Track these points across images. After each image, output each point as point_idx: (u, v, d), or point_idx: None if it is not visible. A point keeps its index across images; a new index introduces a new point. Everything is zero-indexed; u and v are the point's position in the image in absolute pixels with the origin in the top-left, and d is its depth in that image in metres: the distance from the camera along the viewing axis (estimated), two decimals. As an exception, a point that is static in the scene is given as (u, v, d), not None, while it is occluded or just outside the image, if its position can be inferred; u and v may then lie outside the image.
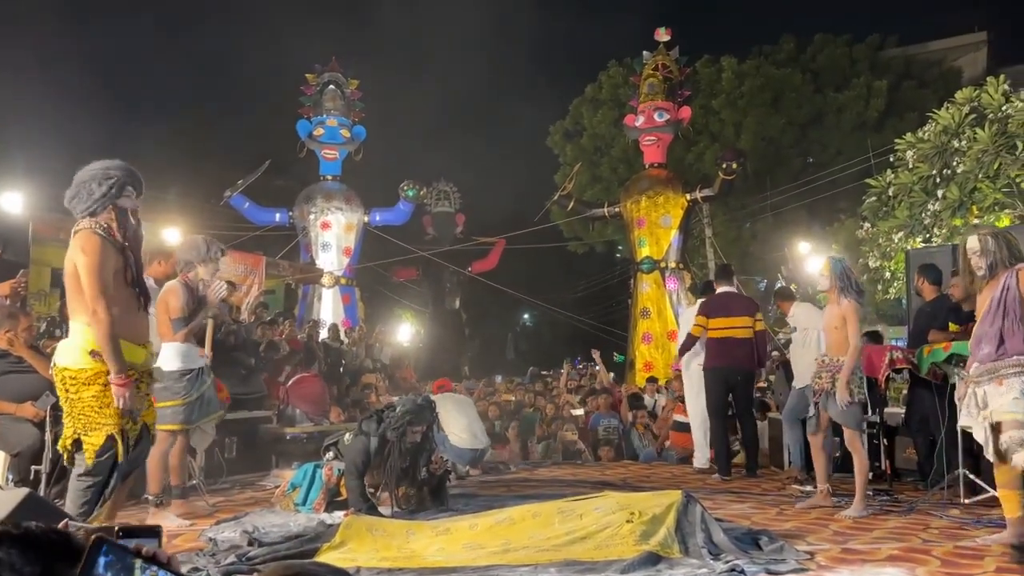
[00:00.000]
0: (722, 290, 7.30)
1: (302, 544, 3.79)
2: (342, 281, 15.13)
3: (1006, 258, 3.86)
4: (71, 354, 3.42)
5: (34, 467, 4.76)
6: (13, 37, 20.57)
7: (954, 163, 9.88)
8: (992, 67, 19.74)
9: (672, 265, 14.75)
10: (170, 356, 4.84)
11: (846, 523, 4.60)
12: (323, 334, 11.30)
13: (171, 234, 8.42)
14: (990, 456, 3.84)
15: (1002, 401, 3.74)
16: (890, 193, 10.77)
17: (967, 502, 5.07)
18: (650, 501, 3.87)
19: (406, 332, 17.77)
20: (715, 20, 36.88)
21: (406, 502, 5.09)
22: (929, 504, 5.14)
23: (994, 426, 3.79)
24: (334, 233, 15.29)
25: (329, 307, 14.71)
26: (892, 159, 11.07)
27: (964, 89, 10.27)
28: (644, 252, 14.81)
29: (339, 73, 15.87)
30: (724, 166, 14.15)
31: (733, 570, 3.32)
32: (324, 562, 2.52)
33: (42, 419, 4.78)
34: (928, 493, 5.47)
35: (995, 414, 3.77)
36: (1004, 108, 9.46)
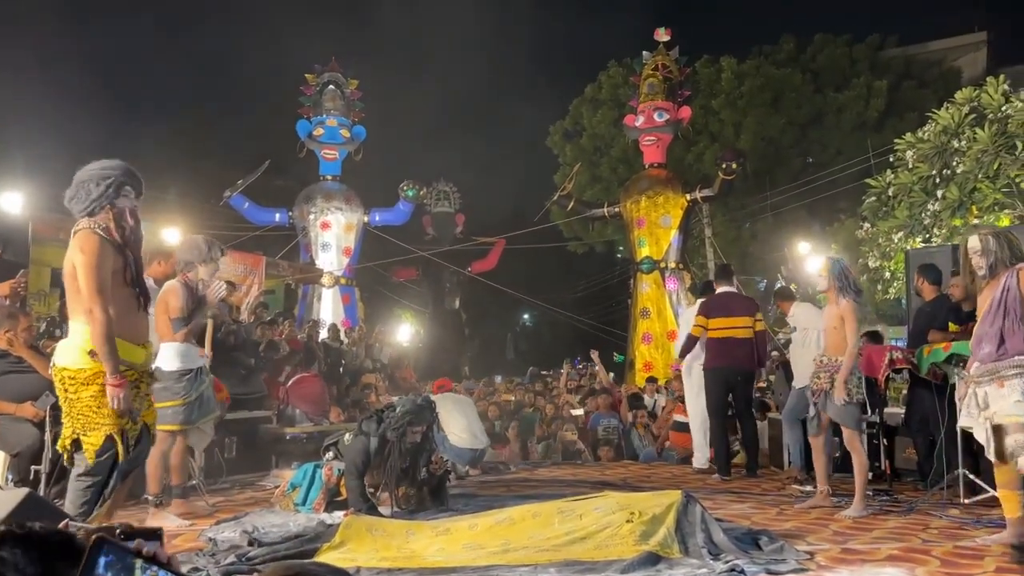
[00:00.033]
0: (722, 290, 7.30)
1: (302, 544, 3.80)
2: (342, 281, 15.13)
3: (1007, 258, 3.85)
4: (70, 354, 3.41)
5: (34, 467, 4.76)
6: (13, 37, 20.57)
7: (954, 163, 9.88)
8: (992, 67, 19.73)
9: (672, 265, 14.75)
10: (169, 356, 4.83)
11: (846, 523, 4.60)
12: (323, 334, 11.29)
13: (171, 234, 8.42)
14: (991, 456, 3.85)
15: (1004, 404, 3.74)
16: (890, 193, 10.78)
17: (967, 502, 5.07)
18: (650, 501, 3.88)
19: (406, 332, 17.76)
20: (715, 20, 36.90)
21: (406, 502, 5.09)
22: (929, 504, 5.14)
23: (995, 427, 3.79)
24: (334, 233, 15.29)
25: (329, 307, 14.71)
26: (892, 159, 11.07)
27: (964, 89, 10.27)
28: (644, 252, 14.81)
29: (339, 73, 15.87)
30: (724, 166, 14.15)
31: (733, 570, 3.32)
32: (324, 562, 2.52)
33: (42, 419, 4.78)
34: (928, 493, 5.47)
35: (997, 416, 3.77)
36: (1004, 108, 9.46)
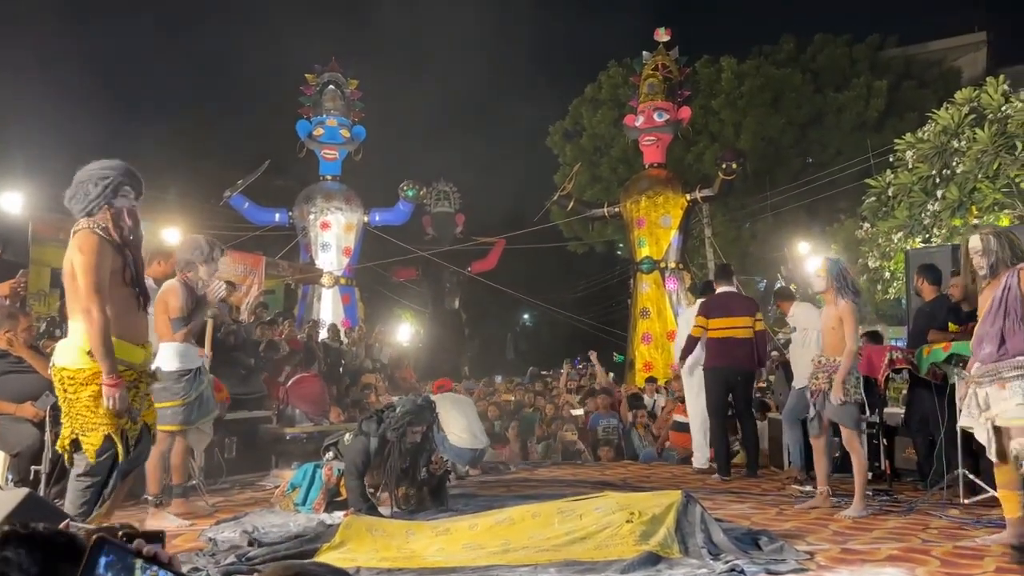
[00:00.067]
0: (722, 290, 7.29)
1: (302, 544, 3.80)
2: (342, 281, 15.13)
3: (1008, 258, 3.85)
4: (69, 354, 3.40)
5: (34, 467, 4.76)
6: (13, 37, 20.54)
7: (954, 163, 9.88)
8: (992, 67, 19.74)
9: (672, 265, 14.75)
10: (169, 356, 4.82)
11: (846, 523, 4.61)
12: (323, 334, 11.29)
13: (171, 234, 8.42)
14: (993, 457, 3.84)
15: (1006, 406, 3.73)
16: (890, 193, 10.78)
17: (967, 502, 5.07)
18: (650, 501, 3.88)
19: (406, 332, 17.76)
20: (715, 20, 36.85)
21: (406, 502, 5.09)
22: (929, 504, 5.14)
23: (997, 428, 3.79)
24: (334, 233, 15.29)
25: (329, 307, 14.71)
26: (892, 159, 11.08)
27: (964, 89, 10.27)
28: (644, 252, 14.81)
29: (339, 73, 15.87)
30: (724, 166, 14.14)
31: (733, 570, 3.32)
32: (324, 562, 2.51)
33: (42, 419, 4.77)
34: (928, 493, 5.48)
35: (999, 419, 3.76)
36: (1004, 108, 9.47)
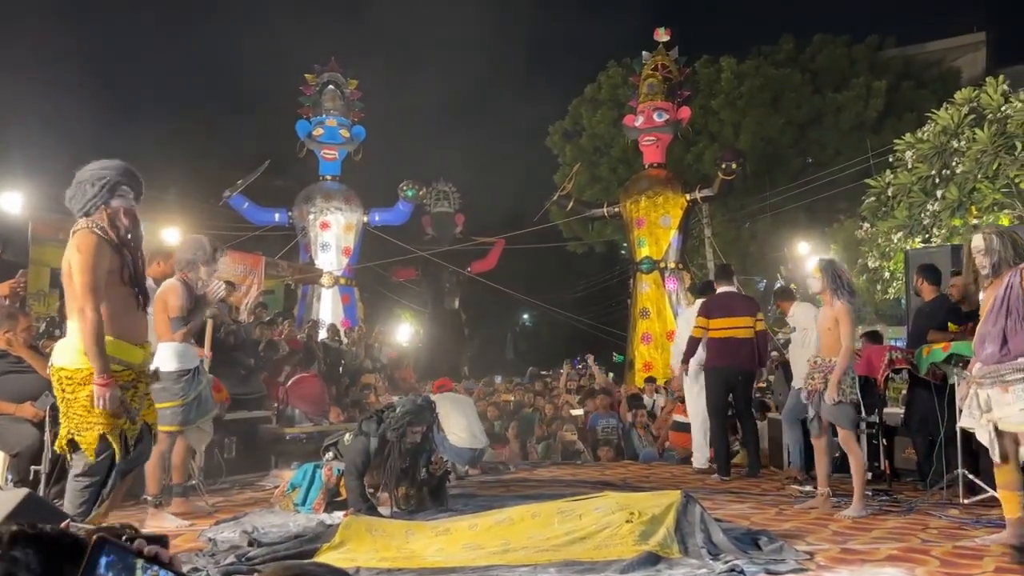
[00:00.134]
0: (723, 290, 7.29)
1: (301, 544, 3.80)
2: (341, 281, 15.12)
3: (1011, 257, 3.84)
4: (67, 354, 3.40)
5: (33, 467, 4.75)
6: (13, 37, 20.54)
7: (953, 163, 9.89)
8: (991, 67, 19.75)
9: (671, 265, 14.75)
10: (167, 356, 4.80)
11: (845, 523, 4.61)
12: (322, 334, 11.29)
13: (171, 234, 8.42)
14: (995, 458, 3.83)
15: (1009, 411, 3.72)
16: (889, 193, 10.78)
17: (966, 502, 5.08)
18: (649, 501, 3.88)
19: (405, 332, 17.76)
20: (715, 20, 36.91)
21: (406, 502, 5.09)
22: (928, 504, 5.14)
23: (999, 430, 3.79)
24: (333, 233, 15.29)
25: (328, 307, 14.70)
26: (891, 159, 11.07)
27: (963, 89, 10.27)
28: (643, 252, 14.80)
29: (338, 73, 15.85)
30: (723, 166, 14.14)
31: (732, 570, 3.33)
32: (324, 562, 2.51)
33: (41, 419, 4.76)
34: (927, 493, 5.48)
35: (1002, 423, 3.76)
36: (1003, 108, 9.47)
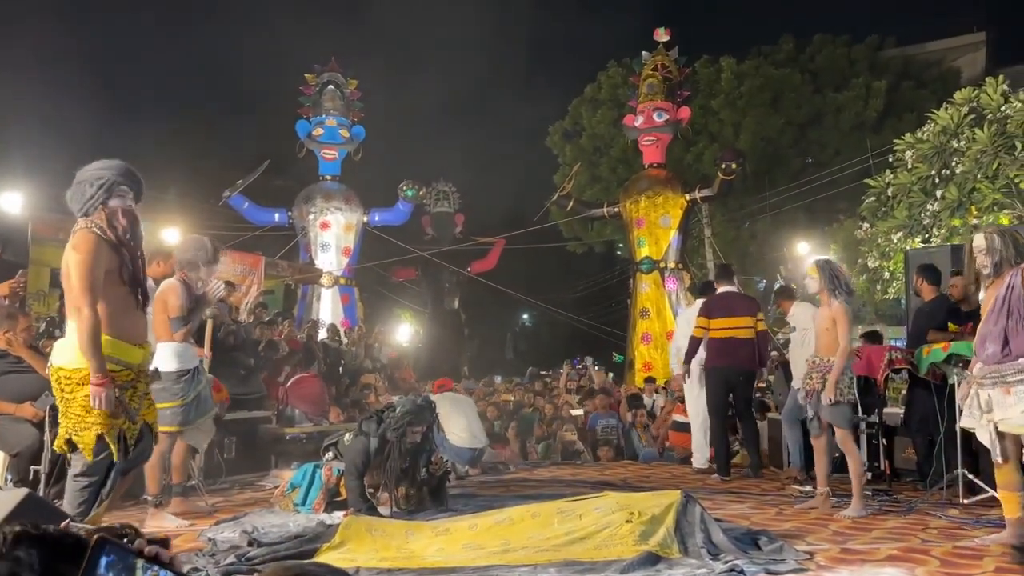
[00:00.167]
0: (723, 290, 7.28)
1: (301, 544, 3.80)
2: (341, 281, 15.13)
3: (1012, 257, 3.83)
4: (66, 354, 3.39)
5: (33, 467, 4.75)
6: (13, 37, 20.53)
7: (953, 163, 9.89)
8: (991, 67, 19.74)
9: (671, 265, 14.75)
10: (167, 356, 4.79)
11: (845, 523, 4.61)
12: (322, 334, 11.29)
13: (171, 234, 8.42)
14: (997, 459, 3.83)
15: (1011, 413, 3.72)
16: (889, 193, 10.78)
17: (966, 502, 5.08)
18: (649, 501, 3.88)
19: (405, 332, 17.76)
20: (715, 20, 36.89)
21: (406, 502, 5.09)
22: (928, 504, 5.14)
23: (1000, 431, 3.78)
24: (333, 233, 15.29)
25: (328, 307, 14.71)
26: (891, 159, 11.08)
27: (963, 89, 10.27)
28: (643, 252, 14.81)
29: (338, 73, 15.86)
30: (723, 166, 14.15)
31: (732, 570, 3.33)
32: (323, 562, 2.51)
33: (41, 419, 4.76)
34: (927, 493, 5.48)
35: (1004, 425, 3.75)
36: (1003, 108, 9.47)
